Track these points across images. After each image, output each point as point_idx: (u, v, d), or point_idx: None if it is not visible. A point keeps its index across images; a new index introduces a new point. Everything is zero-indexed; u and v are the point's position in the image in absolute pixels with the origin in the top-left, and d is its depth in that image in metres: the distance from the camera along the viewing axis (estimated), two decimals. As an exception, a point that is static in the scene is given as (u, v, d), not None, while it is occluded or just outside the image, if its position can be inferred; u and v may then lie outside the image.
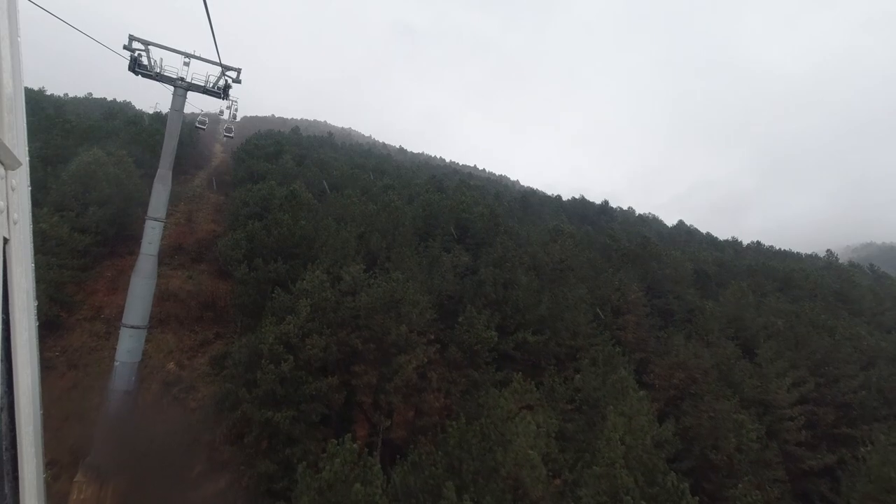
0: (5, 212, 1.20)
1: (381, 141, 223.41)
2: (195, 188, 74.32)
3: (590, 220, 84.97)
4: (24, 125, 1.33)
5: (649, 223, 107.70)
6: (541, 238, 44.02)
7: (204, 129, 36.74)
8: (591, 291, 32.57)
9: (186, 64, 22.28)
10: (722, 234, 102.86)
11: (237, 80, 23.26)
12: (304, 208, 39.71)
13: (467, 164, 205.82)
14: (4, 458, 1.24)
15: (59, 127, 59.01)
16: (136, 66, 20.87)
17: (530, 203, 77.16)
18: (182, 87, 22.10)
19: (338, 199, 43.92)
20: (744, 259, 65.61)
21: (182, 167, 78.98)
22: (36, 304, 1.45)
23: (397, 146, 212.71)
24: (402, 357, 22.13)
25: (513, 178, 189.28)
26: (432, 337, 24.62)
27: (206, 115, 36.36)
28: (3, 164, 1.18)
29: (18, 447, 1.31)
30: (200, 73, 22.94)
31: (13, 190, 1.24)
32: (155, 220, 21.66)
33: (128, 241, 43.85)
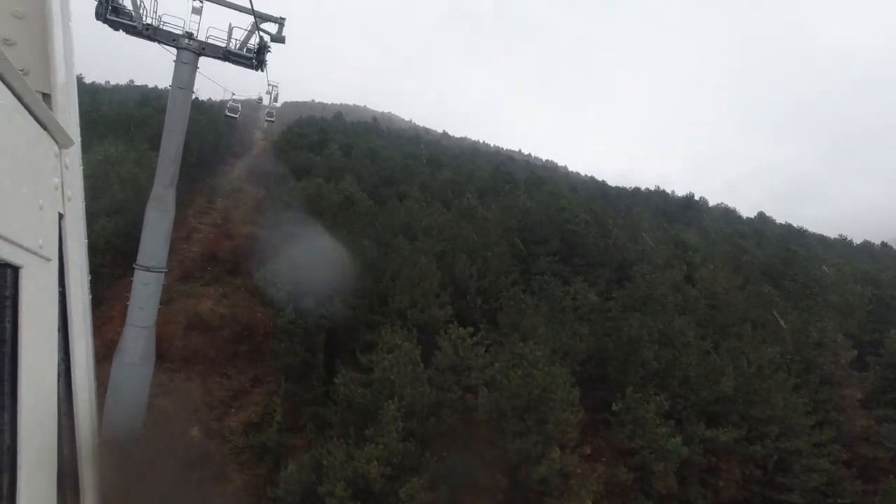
0: (60, 188, 1.22)
1: (422, 126, 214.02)
2: (233, 181, 66.96)
3: (673, 216, 73.41)
4: (77, 107, 1.38)
5: (731, 217, 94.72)
6: (663, 256, 33.84)
7: (236, 118, 28.33)
8: (781, 347, 22.42)
9: (197, 11, 13.41)
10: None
11: (278, 38, 14.21)
12: (363, 218, 30.95)
13: (511, 148, 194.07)
14: (63, 422, 1.26)
15: (85, 117, 52.39)
16: (108, 13, 12.06)
17: (610, 198, 66.34)
18: (190, 48, 13.23)
19: (401, 204, 34.79)
20: (887, 270, 53.06)
21: (220, 157, 71.74)
22: (89, 279, 1.49)
23: (440, 131, 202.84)
24: (556, 506, 12.89)
25: (560, 163, 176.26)
26: (588, 451, 15.30)
27: (237, 101, 27.85)
28: (57, 142, 1.18)
29: (74, 408, 1.36)
30: (219, 27, 14.10)
31: (67, 168, 1.26)
32: (148, 270, 13.03)
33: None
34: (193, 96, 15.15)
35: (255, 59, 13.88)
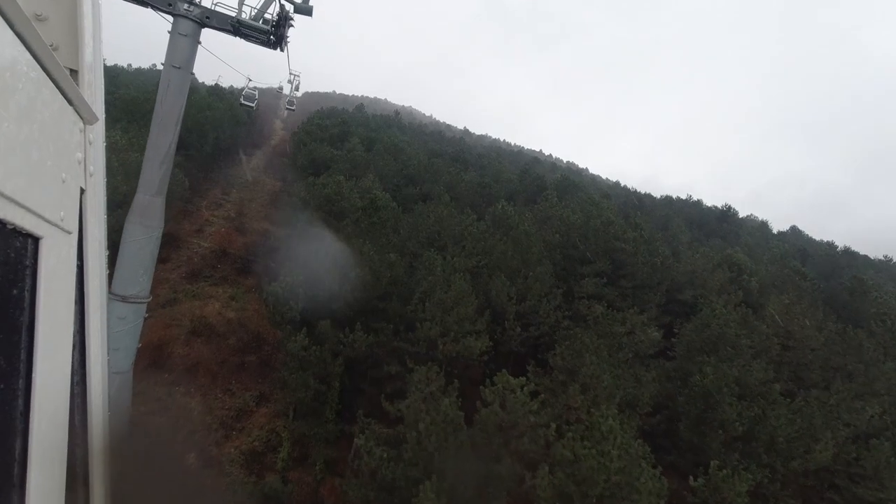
0: (83, 163, 1.22)
1: (443, 121, 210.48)
2: (250, 172, 64.48)
3: (709, 229, 69.20)
4: (102, 84, 1.37)
5: (766, 232, 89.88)
6: (718, 281, 30.26)
7: (252, 107, 25.43)
8: (876, 400, 18.91)
9: (203, -30, 10.39)
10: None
11: (304, 9, 11.11)
12: (387, 224, 27.85)
13: (531, 147, 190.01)
14: (76, 390, 1.27)
15: (100, 99, 49.96)
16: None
17: (646, 208, 62.38)
18: (190, 16, 10.22)
19: (428, 209, 31.54)
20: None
21: (238, 146, 69.13)
22: (107, 254, 1.50)
23: (461, 127, 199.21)
24: None
25: (581, 165, 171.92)
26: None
27: (255, 88, 24.90)
28: (82, 118, 1.19)
29: (87, 378, 1.33)
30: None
31: (90, 144, 1.27)
32: (125, 300, 10.06)
33: (161, 257, 33.23)
34: (213, 82, 12.36)
35: (272, 33, 10.84)
